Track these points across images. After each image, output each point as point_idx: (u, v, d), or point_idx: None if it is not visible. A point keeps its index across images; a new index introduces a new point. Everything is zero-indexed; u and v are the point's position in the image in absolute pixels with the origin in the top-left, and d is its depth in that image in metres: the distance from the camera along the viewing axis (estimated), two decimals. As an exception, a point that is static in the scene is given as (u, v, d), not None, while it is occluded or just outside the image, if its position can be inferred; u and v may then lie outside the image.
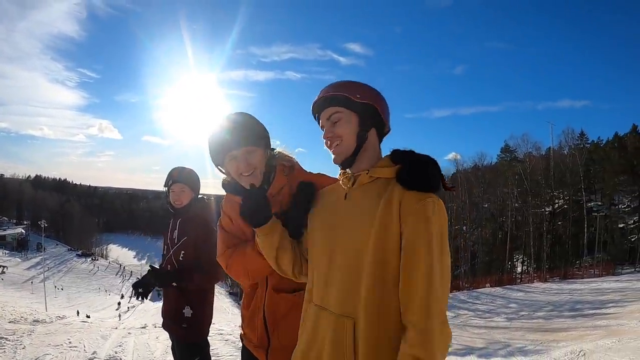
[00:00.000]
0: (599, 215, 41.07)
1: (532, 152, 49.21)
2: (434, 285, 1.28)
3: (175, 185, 2.94)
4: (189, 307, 2.83)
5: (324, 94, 1.54)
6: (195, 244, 2.84)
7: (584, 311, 16.30)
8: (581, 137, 48.36)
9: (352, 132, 1.50)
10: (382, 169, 1.48)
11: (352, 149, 1.51)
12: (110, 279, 72.38)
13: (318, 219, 1.63)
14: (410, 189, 1.36)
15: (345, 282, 1.43)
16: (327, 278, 1.49)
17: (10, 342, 5.36)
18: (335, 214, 1.54)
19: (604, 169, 43.13)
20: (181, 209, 2.95)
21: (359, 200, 1.49)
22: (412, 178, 1.38)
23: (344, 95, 1.49)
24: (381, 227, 1.36)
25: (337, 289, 1.45)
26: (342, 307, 1.42)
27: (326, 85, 1.58)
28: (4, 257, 66.84)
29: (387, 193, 1.40)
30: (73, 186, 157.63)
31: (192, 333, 2.85)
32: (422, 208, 1.32)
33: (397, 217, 1.35)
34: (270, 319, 1.91)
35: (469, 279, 40.22)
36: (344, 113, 1.50)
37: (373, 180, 1.49)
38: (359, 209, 1.46)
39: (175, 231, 2.96)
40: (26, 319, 7.45)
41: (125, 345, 6.13)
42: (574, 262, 40.21)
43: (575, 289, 24.31)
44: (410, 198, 1.35)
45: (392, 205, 1.36)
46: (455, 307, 21.69)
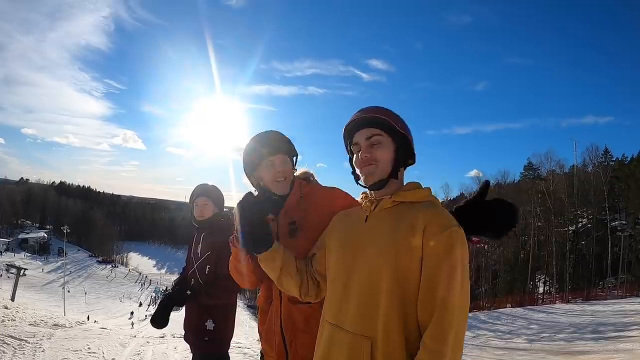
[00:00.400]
0: (623, 235, 40.08)
1: (556, 169, 48.42)
2: (450, 312, 1.30)
3: (199, 198, 3.00)
4: (211, 321, 2.84)
5: (366, 113, 1.56)
6: (218, 258, 2.84)
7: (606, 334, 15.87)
8: (605, 155, 47.53)
9: (389, 158, 1.53)
10: (405, 192, 1.52)
11: (386, 175, 1.52)
12: (129, 286, 73.04)
13: (337, 241, 1.64)
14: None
15: (363, 301, 1.44)
16: (344, 297, 1.50)
17: (30, 344, 5.43)
18: (355, 235, 1.56)
19: (629, 186, 42.21)
20: (204, 222, 2.99)
21: (380, 223, 1.51)
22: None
23: (387, 121, 1.52)
24: (403, 249, 1.38)
25: (353, 308, 1.46)
26: (358, 326, 1.43)
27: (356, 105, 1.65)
28: (25, 259, 68.05)
29: (411, 217, 1.42)
30: (97, 194, 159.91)
31: (213, 346, 2.85)
32: (446, 237, 1.35)
33: (419, 242, 1.37)
34: (287, 332, 1.92)
35: (490, 298, 39.51)
36: (384, 137, 1.53)
37: (396, 205, 1.51)
38: (380, 231, 1.48)
39: (200, 245, 2.98)
40: (46, 323, 7.55)
41: (144, 354, 6.16)
42: (597, 283, 39.26)
43: (598, 310, 23.71)
44: (435, 225, 1.37)
45: (415, 229, 1.38)
46: (475, 327, 21.33)
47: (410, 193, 1.51)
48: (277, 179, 1.92)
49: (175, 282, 3.18)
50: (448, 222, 1.39)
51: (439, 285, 1.33)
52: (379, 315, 1.38)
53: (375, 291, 1.41)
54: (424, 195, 1.53)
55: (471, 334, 19.22)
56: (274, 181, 1.92)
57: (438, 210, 1.44)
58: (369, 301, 1.42)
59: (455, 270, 1.33)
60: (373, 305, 1.40)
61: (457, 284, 1.32)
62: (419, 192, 1.53)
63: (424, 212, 1.41)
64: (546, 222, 44.50)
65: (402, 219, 1.44)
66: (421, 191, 1.54)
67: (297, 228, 1.88)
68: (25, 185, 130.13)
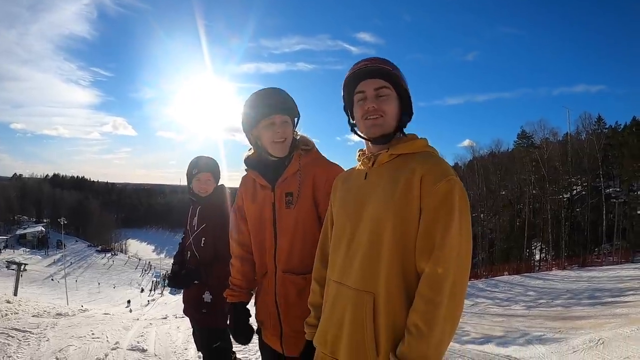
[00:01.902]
0: (617, 202, 40.36)
1: (549, 138, 48.52)
2: (447, 258, 1.30)
3: (203, 174, 2.96)
4: (208, 293, 2.85)
5: (375, 63, 1.51)
6: (214, 231, 2.85)
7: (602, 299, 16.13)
8: (598, 122, 47.52)
9: (396, 112, 1.52)
10: (402, 144, 1.50)
11: (391, 129, 1.51)
12: (130, 273, 73.26)
13: (339, 201, 1.64)
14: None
15: (366, 258, 1.43)
16: (348, 255, 1.49)
17: (34, 335, 5.47)
18: (356, 193, 1.55)
19: (622, 154, 42.40)
20: (204, 198, 2.98)
21: (379, 178, 1.49)
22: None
23: (396, 75, 1.50)
24: (401, 202, 1.38)
25: (357, 265, 1.45)
26: (362, 282, 1.43)
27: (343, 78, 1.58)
28: (24, 255, 68.03)
29: (408, 168, 1.41)
30: (91, 183, 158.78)
31: (211, 318, 2.87)
32: (443, 185, 1.35)
33: (417, 192, 1.37)
34: (281, 303, 1.94)
35: (487, 267, 39.87)
36: (391, 91, 1.50)
37: (393, 159, 1.50)
38: (379, 185, 1.47)
39: (195, 218, 2.98)
40: (49, 313, 7.59)
41: (147, 335, 6.23)
42: (593, 250, 39.68)
43: (593, 276, 24.04)
44: (432, 175, 1.36)
45: (412, 180, 1.38)
46: (474, 296, 21.61)
47: (406, 145, 1.50)
48: (276, 140, 1.89)
49: (175, 260, 3.17)
50: (445, 171, 1.38)
51: (435, 232, 1.32)
52: (380, 270, 1.39)
53: (378, 246, 1.40)
54: (420, 145, 1.51)
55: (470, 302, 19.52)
56: (273, 142, 1.90)
57: (435, 159, 1.44)
58: (372, 256, 1.41)
59: (452, 216, 1.32)
60: (375, 260, 1.40)
61: (455, 230, 1.32)
62: (415, 142, 1.51)
63: (421, 163, 1.41)
64: (541, 190, 44.75)
65: (400, 171, 1.43)
66: (417, 142, 1.51)
67: (292, 199, 1.89)
68: (20, 180, 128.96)
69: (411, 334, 1.28)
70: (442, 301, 1.27)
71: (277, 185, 1.92)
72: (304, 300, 1.83)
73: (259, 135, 1.94)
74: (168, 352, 5.22)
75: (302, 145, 1.99)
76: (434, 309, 1.27)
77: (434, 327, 1.26)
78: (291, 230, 1.90)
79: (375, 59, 1.52)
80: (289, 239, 1.91)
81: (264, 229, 1.98)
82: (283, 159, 1.94)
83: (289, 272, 1.92)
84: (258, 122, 1.90)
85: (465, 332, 12.60)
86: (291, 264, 1.92)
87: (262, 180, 1.97)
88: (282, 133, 1.88)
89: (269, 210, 1.94)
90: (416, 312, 1.30)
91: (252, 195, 2.03)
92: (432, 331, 1.26)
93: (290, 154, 1.95)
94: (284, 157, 1.94)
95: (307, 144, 2.00)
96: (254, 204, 2.02)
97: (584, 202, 43.20)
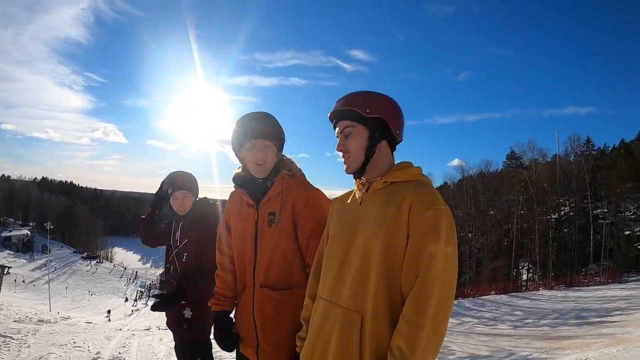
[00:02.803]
0: (605, 223, 40.80)
1: (538, 159, 49.10)
2: (431, 282, 1.34)
3: (178, 192, 2.93)
4: (188, 309, 2.82)
5: (337, 106, 1.64)
6: (197, 247, 2.83)
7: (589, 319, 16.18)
8: (587, 144, 48.29)
9: (361, 146, 1.59)
10: (395, 172, 1.58)
11: (360, 163, 1.60)
12: (115, 281, 72.47)
13: (335, 223, 1.72)
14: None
15: (356, 279, 1.50)
16: (339, 275, 1.56)
17: (15, 340, 5.38)
18: (351, 217, 1.63)
19: (610, 175, 42.97)
20: (184, 215, 2.96)
21: (372, 203, 1.56)
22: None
23: (355, 111, 1.57)
24: (390, 227, 1.44)
25: (348, 285, 1.52)
26: (351, 302, 1.49)
27: (339, 96, 1.68)
28: (9, 257, 67.08)
29: (399, 196, 1.47)
30: (79, 189, 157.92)
31: (192, 333, 2.85)
32: (431, 214, 1.40)
33: (405, 220, 1.43)
34: (258, 317, 2.00)
35: (474, 286, 39.97)
36: (355, 127, 1.59)
37: (387, 185, 1.57)
38: (372, 211, 1.54)
39: (178, 233, 2.97)
40: (31, 319, 7.48)
41: (129, 346, 6.15)
42: (580, 270, 39.94)
43: (580, 296, 24.17)
44: (421, 203, 1.42)
45: (402, 207, 1.44)
46: (460, 314, 21.56)
47: (399, 173, 1.57)
48: (257, 162, 1.98)
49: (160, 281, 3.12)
50: (434, 200, 1.43)
51: (421, 257, 1.37)
52: (369, 291, 1.45)
53: (367, 268, 1.47)
54: (413, 174, 1.58)
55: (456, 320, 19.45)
56: (254, 164, 1.99)
57: (426, 189, 1.49)
58: (361, 277, 1.48)
59: (438, 243, 1.37)
60: (364, 281, 1.47)
61: (440, 257, 1.36)
62: (409, 171, 1.58)
63: (412, 191, 1.46)
64: (529, 211, 45.17)
65: (392, 198, 1.49)
66: (411, 170, 1.59)
67: (274, 219, 1.97)
68: (7, 182, 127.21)
69: (394, 356, 1.33)
70: (425, 325, 1.31)
71: (261, 205, 2.02)
72: (280, 315, 1.95)
73: (243, 157, 2.05)
74: (150, 363, 5.14)
75: (285, 169, 2.06)
76: (417, 332, 1.32)
77: (416, 350, 1.31)
78: (271, 248, 1.98)
79: (342, 100, 1.64)
80: (268, 255, 1.99)
81: (245, 244, 2.06)
82: (265, 180, 2.04)
83: (266, 287, 1.99)
84: (242, 145, 2.00)
85: (450, 351, 12.52)
86: (269, 280, 1.99)
87: (248, 198, 2.06)
88: (261, 157, 1.98)
89: (251, 227, 2.04)
90: (399, 334, 1.35)
91: (239, 212, 2.13)
92: (415, 354, 1.31)
93: (274, 176, 2.04)
94: (264, 178, 2.04)
95: (290, 169, 2.08)
96: (240, 220, 2.11)
97: (572, 222, 43.62)
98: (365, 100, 1.60)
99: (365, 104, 1.58)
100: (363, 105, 1.58)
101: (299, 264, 2.00)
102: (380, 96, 1.64)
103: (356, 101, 1.60)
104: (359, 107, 1.57)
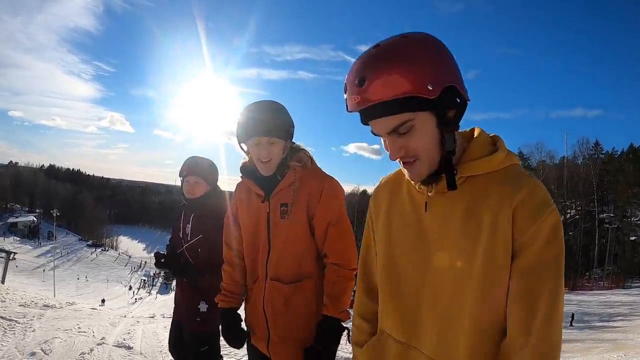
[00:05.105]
0: (610, 227, 40.60)
1: (546, 160, 48.91)
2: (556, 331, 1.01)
3: (191, 177, 2.87)
4: (204, 302, 2.82)
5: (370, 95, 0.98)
6: (210, 245, 2.77)
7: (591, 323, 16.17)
8: (596, 147, 48.02)
9: (433, 140, 1.03)
10: (474, 163, 1.07)
11: (436, 163, 1.06)
12: (119, 270, 72.83)
13: (392, 232, 1.24)
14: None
15: (441, 324, 1.10)
16: (417, 315, 1.15)
17: (20, 324, 5.44)
18: (418, 231, 1.15)
19: (618, 180, 42.72)
20: (194, 201, 2.89)
21: (449, 212, 1.09)
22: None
23: (411, 97, 0.96)
24: (487, 250, 1.01)
25: (431, 330, 1.12)
26: (437, 351, 1.11)
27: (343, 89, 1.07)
28: (15, 243, 67.59)
29: (490, 198, 1.03)
30: (86, 177, 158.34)
31: (205, 327, 2.85)
32: (548, 222, 0.98)
33: (508, 235, 1.00)
34: (269, 311, 1.97)
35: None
36: (416, 119, 1.01)
37: (464, 181, 1.08)
38: (452, 228, 1.07)
39: (189, 226, 2.90)
40: (36, 304, 7.55)
41: (134, 332, 6.20)
42: (584, 274, 39.83)
43: (583, 300, 24.11)
44: (528, 207, 0.99)
45: (499, 217, 1.00)
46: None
47: (481, 163, 1.06)
48: (261, 159, 1.88)
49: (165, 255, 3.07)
50: (544, 200, 1.00)
51: (543, 289, 0.98)
52: (459, 337, 1.06)
53: (458, 306, 1.06)
54: (500, 161, 1.07)
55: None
56: (258, 160, 1.89)
57: (526, 183, 1.02)
58: (450, 319, 1.08)
59: (560, 266, 1.00)
60: (454, 324, 1.07)
61: (562, 284, 1.01)
62: (494, 158, 1.06)
63: (508, 189, 1.01)
64: (535, 213, 44.93)
65: (479, 203, 1.04)
66: (497, 156, 1.07)
67: (287, 210, 1.91)
68: (14, 168, 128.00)
69: None
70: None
71: (272, 196, 1.94)
72: (291, 308, 1.92)
73: (249, 150, 1.95)
74: (154, 350, 5.20)
75: (294, 161, 1.97)
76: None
77: None
78: (283, 240, 1.93)
79: (378, 80, 0.97)
80: (280, 248, 1.94)
81: (257, 237, 2.00)
82: (275, 173, 1.94)
83: (277, 280, 1.95)
84: (246, 140, 1.90)
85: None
86: (279, 273, 1.94)
87: (257, 189, 1.98)
88: (266, 154, 1.87)
89: (263, 220, 1.97)
90: None
91: (247, 203, 2.06)
92: None
93: (284, 168, 1.94)
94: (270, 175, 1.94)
95: (300, 160, 1.98)
96: (249, 212, 2.05)
97: (577, 226, 43.44)
98: (418, 70, 0.96)
99: (422, 76, 0.95)
100: (419, 80, 0.95)
101: (311, 256, 1.96)
102: (425, 45, 1.02)
103: (401, 78, 0.95)
104: (415, 90, 0.95)
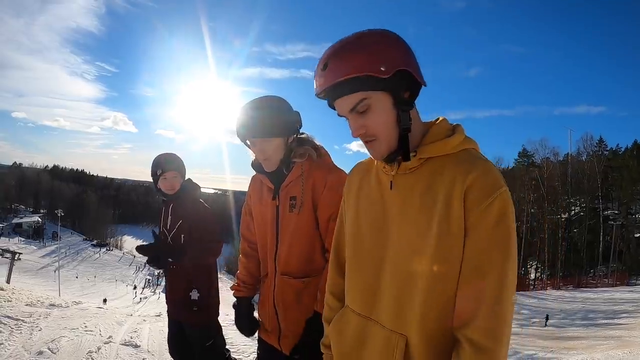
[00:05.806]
0: (615, 224, 40.46)
1: (550, 157, 48.73)
2: (506, 301, 1.04)
3: (169, 172, 2.93)
4: (195, 290, 2.87)
5: (329, 77, 1.09)
6: (191, 224, 2.88)
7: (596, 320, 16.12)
8: (600, 144, 47.78)
9: (390, 119, 1.12)
10: (432, 145, 1.15)
11: (395, 141, 1.14)
12: (124, 269, 72.95)
13: (357, 211, 1.32)
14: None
15: (398, 295, 1.16)
16: (376, 288, 1.22)
17: (27, 324, 5.46)
18: (382, 208, 1.23)
19: (622, 177, 42.55)
20: (173, 195, 2.97)
21: (409, 190, 1.16)
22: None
23: (366, 76, 1.06)
24: (441, 227, 1.08)
25: (388, 302, 1.18)
26: (394, 322, 1.17)
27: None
28: (19, 244, 67.80)
29: (446, 178, 1.10)
30: (90, 177, 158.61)
31: (203, 315, 2.90)
32: (497, 203, 1.05)
33: (460, 213, 1.07)
34: (279, 305, 1.98)
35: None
36: (371, 98, 1.09)
37: (423, 162, 1.16)
38: (412, 204, 1.15)
39: (169, 217, 2.99)
40: (43, 303, 7.57)
41: (141, 331, 6.22)
42: (588, 271, 39.73)
43: (588, 297, 24.03)
44: (479, 188, 1.05)
45: (452, 196, 1.07)
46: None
47: (438, 145, 1.14)
48: (260, 158, 1.90)
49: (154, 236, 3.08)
50: (495, 182, 1.06)
51: (491, 267, 1.04)
52: (414, 307, 1.12)
53: (411, 282, 1.13)
54: (456, 143, 1.15)
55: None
56: (259, 159, 1.92)
57: (479, 164, 1.09)
58: (404, 293, 1.14)
59: (509, 246, 1.04)
60: (409, 298, 1.13)
61: (511, 264, 1.04)
62: (450, 141, 1.14)
63: (462, 170, 1.08)
64: (539, 209, 44.91)
65: (436, 182, 1.11)
66: (452, 140, 1.14)
67: (296, 203, 1.90)
68: (19, 169, 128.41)
69: None
70: (500, 352, 1.03)
71: (281, 189, 1.94)
72: (301, 303, 1.92)
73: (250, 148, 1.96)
74: (162, 349, 5.21)
75: (297, 156, 1.94)
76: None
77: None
78: (292, 234, 1.92)
79: (333, 64, 1.09)
80: (289, 241, 1.93)
81: (266, 230, 2.00)
82: (281, 168, 1.94)
83: (287, 275, 1.95)
84: (244, 140, 1.91)
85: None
86: (289, 267, 1.94)
87: (268, 182, 1.99)
88: (263, 154, 1.87)
89: (272, 213, 1.97)
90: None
91: (260, 196, 2.07)
92: None
93: (289, 162, 1.93)
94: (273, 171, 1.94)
95: (303, 154, 1.94)
96: (261, 205, 2.05)
97: (582, 223, 43.33)
98: (371, 54, 1.06)
99: (375, 59, 1.06)
100: (372, 62, 1.05)
101: (320, 250, 1.93)
102: (381, 36, 1.12)
103: (357, 61, 1.06)
104: (368, 70, 1.05)
